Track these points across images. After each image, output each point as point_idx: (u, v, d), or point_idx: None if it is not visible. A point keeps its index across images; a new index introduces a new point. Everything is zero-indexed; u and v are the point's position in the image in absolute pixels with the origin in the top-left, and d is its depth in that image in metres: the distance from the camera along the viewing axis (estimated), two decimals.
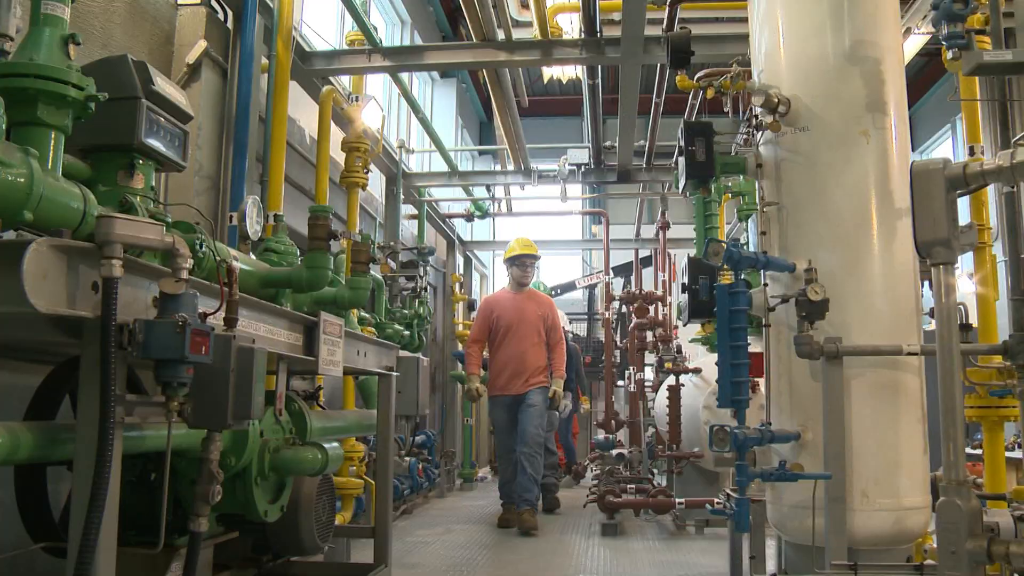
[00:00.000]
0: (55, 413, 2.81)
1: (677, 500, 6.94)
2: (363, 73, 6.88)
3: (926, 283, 3.84)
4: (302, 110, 6.45)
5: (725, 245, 3.50)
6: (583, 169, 9.74)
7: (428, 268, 9.03)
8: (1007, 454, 4.76)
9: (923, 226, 2.61)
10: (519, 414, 7.21)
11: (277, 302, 3.34)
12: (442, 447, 10.21)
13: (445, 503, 9.08)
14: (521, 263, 7.66)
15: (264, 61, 5.26)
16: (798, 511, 3.59)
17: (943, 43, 3.49)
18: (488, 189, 11.66)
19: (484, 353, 7.73)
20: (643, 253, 13.01)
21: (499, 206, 11.76)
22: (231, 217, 4.69)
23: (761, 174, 3.99)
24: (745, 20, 4.36)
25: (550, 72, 11.19)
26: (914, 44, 6.43)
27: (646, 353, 9.79)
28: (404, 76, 8.58)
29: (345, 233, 5.53)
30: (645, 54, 6.06)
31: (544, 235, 12.62)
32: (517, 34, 6.58)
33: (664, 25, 5.70)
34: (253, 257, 3.60)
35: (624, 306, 11.51)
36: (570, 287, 14.27)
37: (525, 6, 7.10)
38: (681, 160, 4.17)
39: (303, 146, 6.58)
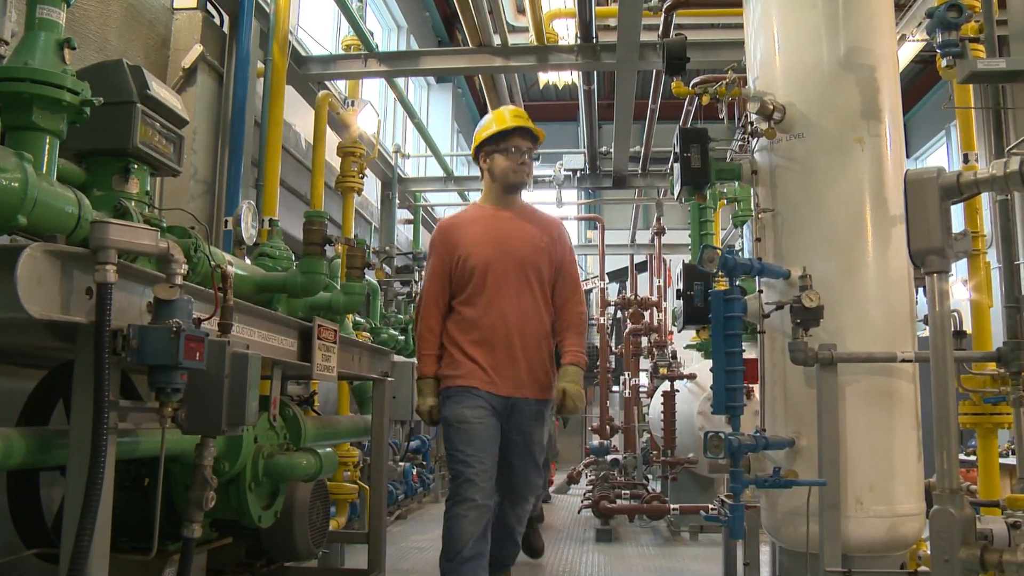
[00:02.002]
0: (48, 418, 2.80)
1: (672, 506, 6.94)
2: (359, 78, 6.89)
3: (920, 290, 3.86)
4: (298, 115, 6.45)
5: (720, 251, 3.49)
6: (579, 174, 9.77)
7: (423, 273, 9.04)
8: (1001, 460, 4.76)
9: (917, 234, 2.61)
10: (514, 442, 3.76)
11: (272, 307, 3.33)
12: (437, 452, 10.18)
13: (440, 508, 9.02)
14: (512, 147, 3.85)
15: (260, 66, 5.26)
16: (792, 518, 3.59)
17: (938, 51, 3.51)
18: None
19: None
20: (638, 258, 13.04)
21: None
22: (226, 222, 4.69)
23: (756, 181, 3.99)
24: (741, 27, 4.36)
25: (546, 77, 11.21)
26: (909, 51, 6.47)
27: (641, 358, 9.80)
28: (400, 81, 8.59)
29: (340, 238, 5.52)
30: (641, 60, 6.07)
31: None
32: (513, 39, 6.60)
33: (660, 31, 5.72)
34: (248, 262, 3.60)
35: (619, 311, 11.52)
36: None
37: (521, 11, 7.14)
38: (676, 166, 4.18)
39: (299, 151, 6.59)
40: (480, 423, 3.60)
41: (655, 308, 10.01)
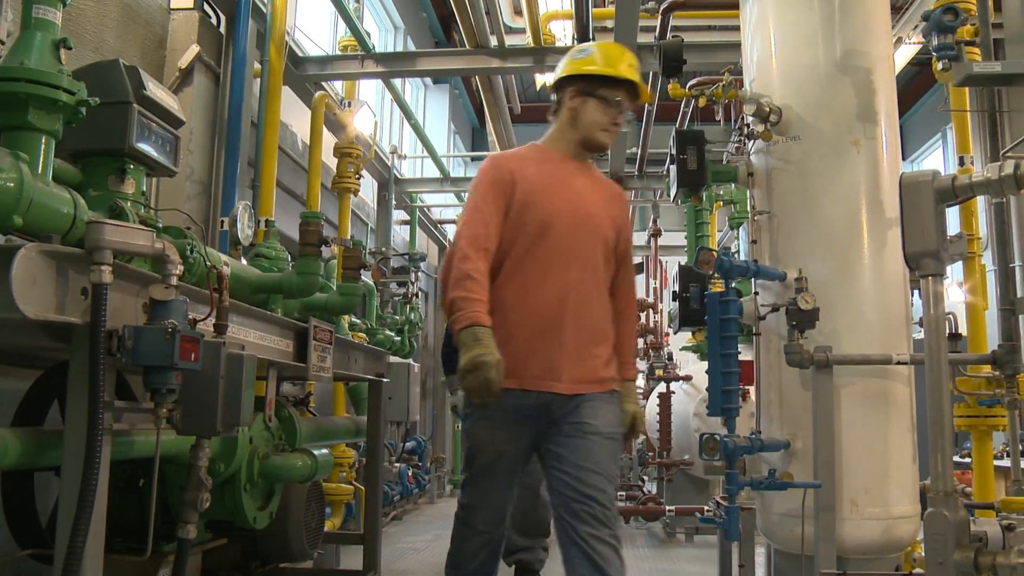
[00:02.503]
0: (43, 419, 2.80)
1: (667, 508, 6.94)
2: (356, 79, 6.89)
3: (916, 292, 3.87)
4: (294, 115, 6.44)
5: (716, 253, 3.50)
6: None
7: (419, 274, 9.03)
8: (996, 463, 4.77)
9: (912, 238, 2.62)
10: (559, 443, 2.73)
11: (268, 308, 3.33)
12: (432, 453, 10.19)
13: (435, 509, 9.06)
14: (615, 100, 2.94)
15: (257, 66, 5.25)
16: (787, 519, 3.59)
17: (934, 53, 3.52)
18: None
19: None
20: (635, 260, 13.01)
21: None
22: (222, 222, 4.68)
23: (752, 183, 4.00)
24: (737, 29, 4.37)
25: (543, 79, 11.18)
26: (905, 54, 6.48)
27: (637, 360, 9.80)
28: (397, 82, 8.59)
29: (336, 239, 5.53)
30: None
31: None
32: (510, 40, 6.60)
33: (656, 33, 5.73)
34: (244, 263, 3.60)
35: None
36: None
37: (518, 13, 7.13)
38: (673, 168, 4.18)
39: (295, 151, 6.57)
40: (496, 451, 2.79)
41: (651, 310, 10.02)
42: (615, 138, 3.05)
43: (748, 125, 3.96)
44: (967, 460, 5.82)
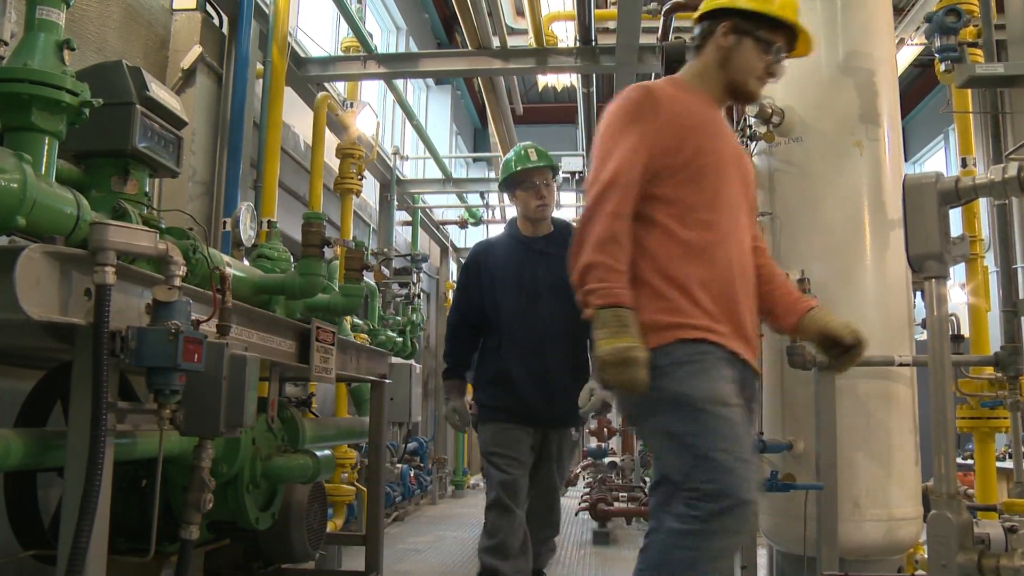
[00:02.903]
0: (46, 420, 2.80)
1: None
2: (358, 80, 6.89)
3: (918, 294, 3.87)
4: (297, 116, 6.44)
5: None
6: (577, 177, 9.76)
7: (421, 275, 9.04)
8: (998, 464, 4.77)
9: (915, 240, 2.62)
10: None
11: (270, 308, 3.33)
12: (434, 454, 10.19)
13: (437, 510, 9.06)
14: (770, 45, 2.48)
15: (259, 67, 5.26)
16: (790, 521, 3.59)
17: (936, 55, 3.52)
18: (482, 196, 11.69)
19: None
20: None
21: (493, 213, 11.78)
22: (225, 223, 4.68)
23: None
24: None
25: (545, 80, 11.21)
26: (907, 55, 6.47)
27: None
28: (399, 83, 8.59)
29: (339, 240, 5.53)
30: (640, 63, 6.07)
31: None
32: (512, 42, 6.60)
33: (659, 34, 5.71)
34: (246, 263, 3.60)
35: None
36: None
37: (520, 14, 7.13)
38: None
39: (297, 152, 6.58)
40: (739, 407, 2.21)
41: None
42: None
43: (750, 126, 3.96)
44: (969, 462, 5.82)
